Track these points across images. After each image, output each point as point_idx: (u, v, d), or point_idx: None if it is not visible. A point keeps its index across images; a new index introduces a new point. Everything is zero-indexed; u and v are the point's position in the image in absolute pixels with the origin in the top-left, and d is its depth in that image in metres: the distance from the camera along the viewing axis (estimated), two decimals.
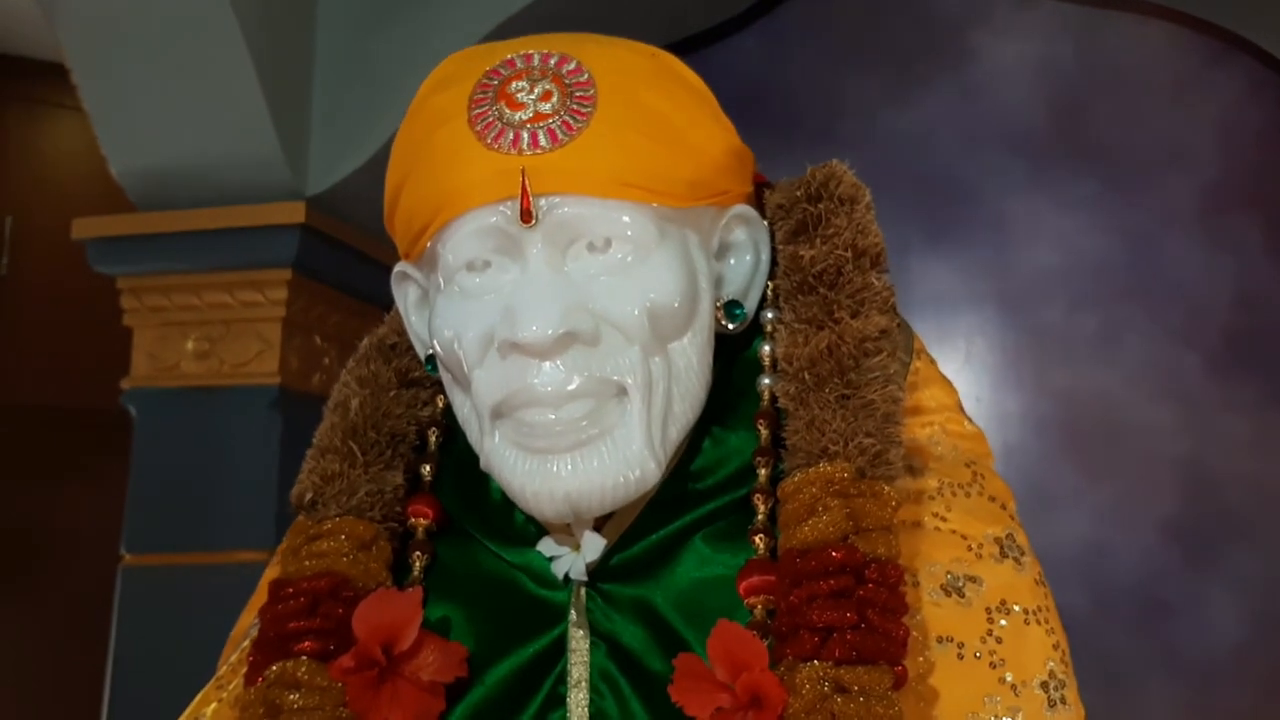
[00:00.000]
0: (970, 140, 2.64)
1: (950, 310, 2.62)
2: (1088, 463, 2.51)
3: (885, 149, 2.68)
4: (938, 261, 2.63)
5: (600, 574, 0.84)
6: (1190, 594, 2.42)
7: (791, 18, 2.80)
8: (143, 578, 2.45)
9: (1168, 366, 2.50)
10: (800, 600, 0.74)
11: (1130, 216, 2.55)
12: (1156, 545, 2.45)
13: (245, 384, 2.46)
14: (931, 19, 2.70)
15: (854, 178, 0.93)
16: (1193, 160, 2.53)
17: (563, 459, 0.77)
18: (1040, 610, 0.85)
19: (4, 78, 3.93)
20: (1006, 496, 0.92)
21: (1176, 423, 2.48)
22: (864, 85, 2.73)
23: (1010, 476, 2.60)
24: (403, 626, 0.80)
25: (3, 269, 3.87)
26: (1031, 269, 2.59)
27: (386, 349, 0.97)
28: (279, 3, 2.44)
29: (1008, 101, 2.63)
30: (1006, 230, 2.61)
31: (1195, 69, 2.55)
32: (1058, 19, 2.63)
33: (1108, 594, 2.44)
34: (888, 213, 2.77)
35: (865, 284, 0.85)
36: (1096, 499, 2.49)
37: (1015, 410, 2.56)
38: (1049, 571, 2.63)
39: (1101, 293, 2.54)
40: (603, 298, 0.78)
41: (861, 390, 0.81)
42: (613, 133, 0.78)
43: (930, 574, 0.83)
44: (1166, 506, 2.46)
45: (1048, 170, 2.60)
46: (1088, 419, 2.53)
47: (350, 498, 0.87)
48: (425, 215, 0.81)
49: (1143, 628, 2.43)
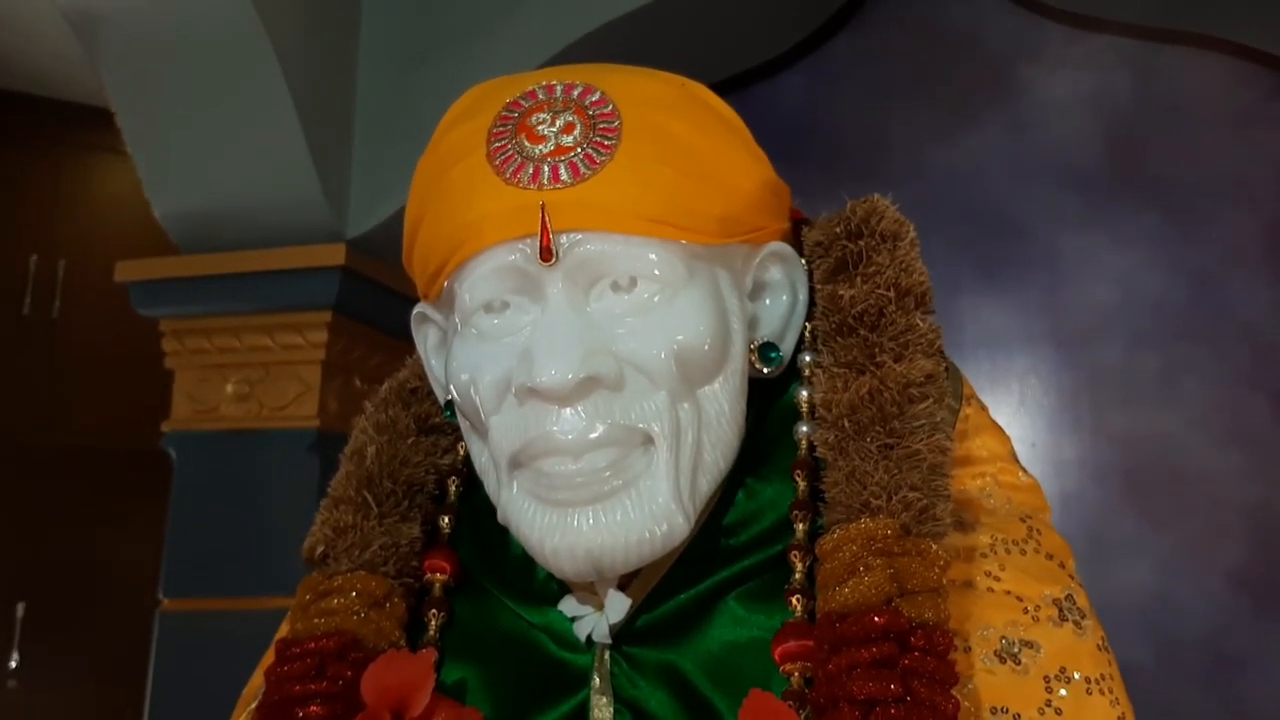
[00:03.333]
0: (1022, 176, 2.61)
1: (1003, 352, 2.58)
2: (1150, 510, 2.44)
3: (934, 186, 2.65)
4: (990, 301, 2.59)
5: (625, 636, 0.79)
6: (1260, 646, 2.34)
7: (837, 54, 2.80)
8: (180, 623, 2.45)
9: (1233, 408, 2.43)
10: (840, 669, 0.68)
11: (1191, 253, 2.49)
12: (1224, 595, 2.37)
13: (284, 427, 2.47)
14: (980, 53, 2.69)
15: (896, 212, 0.89)
16: (1255, 195, 2.48)
17: (584, 512, 0.73)
18: (1104, 679, 0.79)
19: (56, 123, 4.02)
20: (1065, 554, 0.86)
21: (1243, 467, 2.40)
22: (912, 121, 2.71)
23: (1068, 525, 2.52)
24: (414, 690, 0.76)
25: (55, 312, 3.93)
26: (1088, 308, 2.54)
27: (407, 393, 0.94)
28: (321, 50, 2.47)
29: (1061, 136, 2.60)
30: (1061, 268, 2.56)
31: (1256, 101, 2.50)
32: (1111, 53, 2.60)
33: (1173, 647, 2.37)
34: (937, 251, 2.72)
35: (909, 325, 0.80)
36: (1160, 548, 2.42)
37: (1073, 456, 2.50)
38: (1110, 623, 2.53)
39: (1162, 332, 2.49)
40: (627, 340, 0.74)
41: (906, 439, 0.76)
42: (638, 166, 0.75)
43: (983, 639, 0.77)
44: (1234, 555, 2.39)
45: (1104, 206, 2.55)
46: (1149, 464, 2.46)
47: (363, 551, 0.83)
48: (442, 253, 0.77)
49: (1210, 682, 2.35)
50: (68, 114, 4.01)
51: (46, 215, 4.01)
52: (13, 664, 3.70)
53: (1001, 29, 2.67)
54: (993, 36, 2.68)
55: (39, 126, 4.02)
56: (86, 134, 4.03)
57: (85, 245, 3.98)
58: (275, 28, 2.29)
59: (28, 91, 3.95)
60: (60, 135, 4.05)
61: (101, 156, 4.07)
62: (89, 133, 4.01)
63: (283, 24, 2.32)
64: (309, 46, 2.41)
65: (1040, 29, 2.64)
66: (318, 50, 2.45)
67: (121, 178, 4.00)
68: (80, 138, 4.06)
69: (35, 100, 3.99)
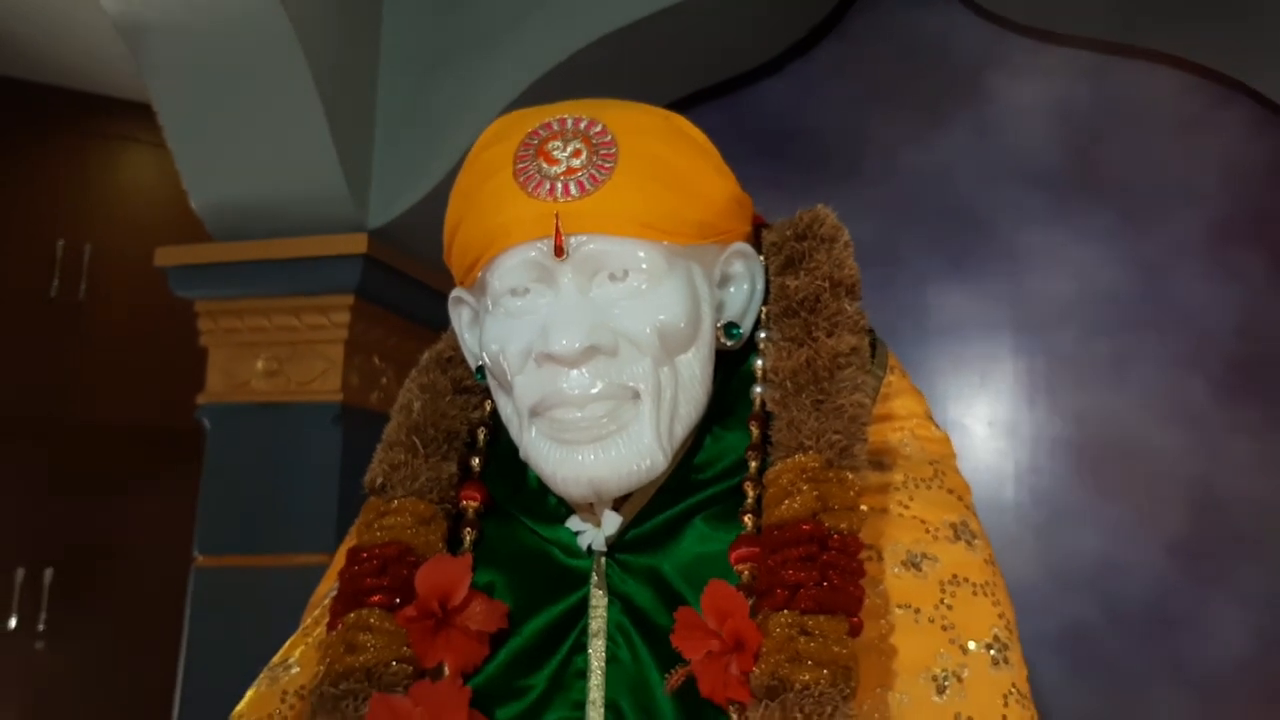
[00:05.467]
0: (987, 176, 2.69)
1: (967, 337, 2.66)
2: (1099, 483, 2.53)
3: (908, 184, 2.74)
4: (955, 290, 2.68)
5: (617, 546, 0.99)
6: (1197, 609, 2.43)
7: (821, 62, 2.87)
8: (212, 578, 2.56)
9: (1175, 392, 2.52)
10: (776, 564, 0.88)
11: (1141, 249, 2.58)
12: (1165, 562, 2.47)
13: (309, 400, 2.56)
14: (951, 63, 2.76)
15: (835, 220, 1.07)
16: (1200, 196, 2.56)
17: (587, 450, 0.92)
18: (988, 585, 0.98)
19: (82, 115, 4.11)
20: (964, 490, 1.06)
21: (1184, 445, 2.49)
22: (888, 124, 2.79)
23: (1023, 496, 2.70)
24: (455, 586, 0.96)
25: (81, 294, 4.00)
26: (1046, 298, 2.62)
27: (444, 361, 1.13)
28: (346, 55, 2.55)
29: (1024, 140, 2.68)
30: (1022, 261, 2.65)
31: (1201, 111, 2.59)
32: (1071, 64, 2.68)
33: (1119, 608, 2.47)
34: (909, 244, 2.89)
35: (839, 310, 0.99)
36: (1108, 518, 2.51)
37: (1029, 433, 2.59)
38: (1061, 586, 2.77)
39: (1113, 321, 2.58)
40: (621, 318, 0.93)
41: (833, 397, 0.95)
42: (631, 183, 0.93)
43: (893, 552, 0.97)
44: (1174, 525, 2.48)
45: (1062, 205, 2.63)
46: (1099, 441, 2.55)
47: (413, 482, 1.03)
48: (477, 249, 0.96)
49: (1151, 640, 2.45)
50: (93, 106, 4.10)
51: (73, 201, 4.07)
52: (40, 627, 3.81)
53: (971, 41, 2.75)
54: (962, 48, 2.76)
55: (66, 117, 4.09)
56: (110, 124, 4.14)
57: (110, 230, 4.06)
58: (305, 36, 2.39)
59: (56, 84, 4.04)
60: (85, 126, 4.13)
61: (124, 145, 4.16)
62: (113, 123, 4.13)
63: (311, 32, 2.42)
64: (335, 54, 2.50)
65: (1006, 41, 2.72)
66: (343, 57, 2.53)
67: (144, 166, 4.12)
68: (104, 128, 4.15)
69: (63, 92, 4.07)
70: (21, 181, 4.03)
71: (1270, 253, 2.53)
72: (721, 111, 2.92)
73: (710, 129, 1.05)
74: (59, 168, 4.10)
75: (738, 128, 2.90)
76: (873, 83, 2.84)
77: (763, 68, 2.90)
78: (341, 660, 0.94)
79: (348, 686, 0.93)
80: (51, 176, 4.08)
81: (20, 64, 3.93)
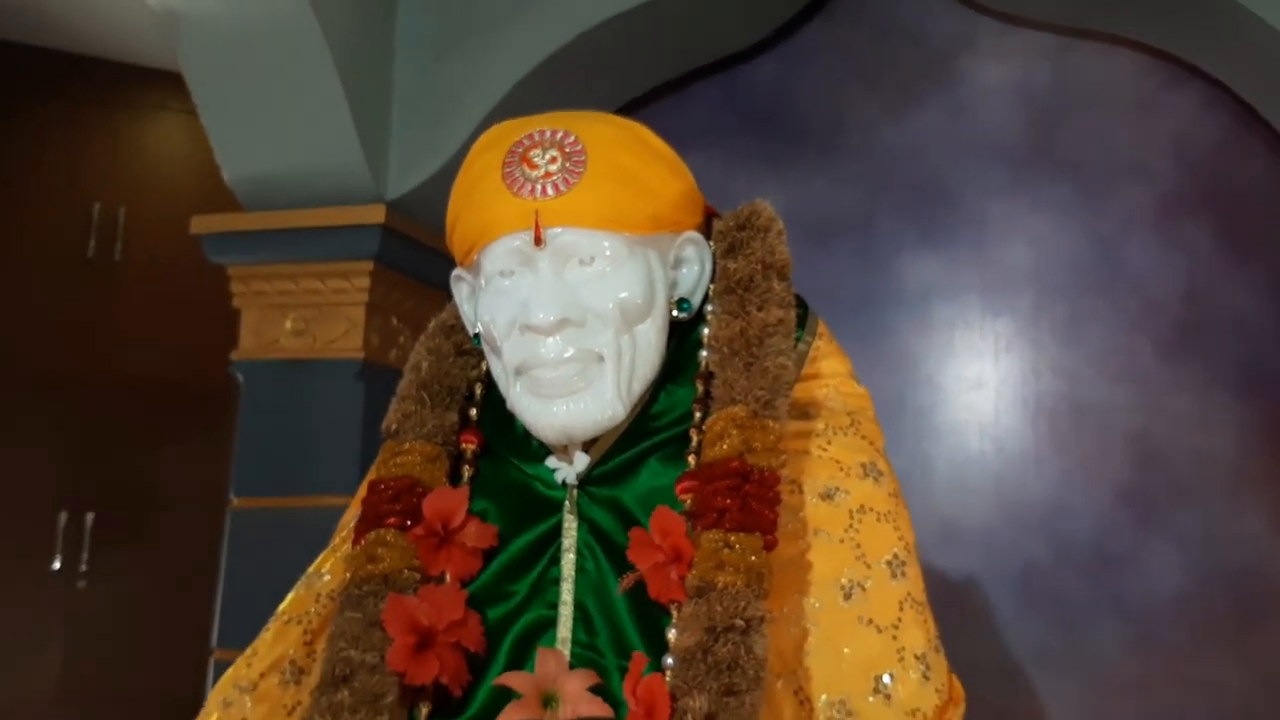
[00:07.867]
0: (957, 151, 2.83)
1: (936, 299, 2.82)
2: (1052, 434, 2.70)
3: (884, 159, 2.89)
4: (927, 256, 2.83)
5: (586, 480, 1.18)
6: (1138, 549, 2.60)
7: (804, 43, 3.00)
8: (247, 518, 2.73)
9: (1125, 352, 2.67)
10: (709, 493, 1.08)
11: (1096, 220, 2.73)
12: (1110, 507, 2.63)
13: (334, 357, 2.72)
14: (925, 46, 2.90)
15: (772, 212, 1.25)
16: (1151, 171, 2.70)
17: (560, 402, 1.11)
18: (891, 514, 1.17)
19: (115, 84, 4.21)
20: (876, 436, 1.24)
21: (1130, 400, 2.66)
22: (866, 103, 2.93)
23: (988, 446, 2.90)
24: (455, 511, 1.16)
25: (117, 255, 4.12)
26: (1009, 264, 2.78)
27: (447, 328, 1.31)
28: (364, 37, 2.68)
29: (991, 118, 2.82)
30: (987, 230, 2.80)
31: (1154, 91, 2.73)
32: (1034, 46, 2.82)
33: (1067, 547, 2.65)
34: (885, 213, 3.09)
35: (769, 288, 1.18)
36: (1059, 465, 2.68)
37: (993, 389, 2.76)
38: (1015, 527, 3.01)
39: (1070, 286, 2.73)
40: (588, 296, 1.11)
41: (761, 360, 1.13)
42: (597, 186, 1.11)
43: (811, 486, 1.16)
44: (1119, 473, 2.64)
45: (1024, 178, 2.78)
46: (1053, 395, 2.71)
47: (422, 428, 1.22)
48: (472, 239, 1.15)
49: (1096, 577, 2.62)
50: (126, 75, 4.20)
51: (108, 167, 4.16)
52: (82, 568, 3.94)
53: (942, 24, 2.88)
54: (935, 31, 2.89)
55: (100, 87, 4.18)
56: (142, 93, 4.24)
57: (143, 194, 4.17)
58: (327, 21, 2.53)
59: (91, 54, 4.15)
60: (118, 95, 4.23)
61: (156, 114, 4.27)
62: (144, 92, 4.23)
63: (333, 18, 2.55)
64: (355, 37, 2.62)
65: (975, 24, 2.85)
66: (362, 40, 2.66)
67: (174, 133, 4.21)
68: (136, 97, 4.25)
69: (97, 62, 4.16)
70: (58, 148, 4.12)
71: (1216, 225, 2.67)
72: (716, 88, 3.05)
73: (706, 105, 1.20)
74: (94, 135, 4.18)
75: (731, 104, 3.05)
76: (854, 64, 2.96)
77: (753, 49, 3.03)
78: (364, 568, 1.14)
79: (369, 589, 1.13)
80: (87, 143, 4.17)
81: (58, 36, 4.04)
